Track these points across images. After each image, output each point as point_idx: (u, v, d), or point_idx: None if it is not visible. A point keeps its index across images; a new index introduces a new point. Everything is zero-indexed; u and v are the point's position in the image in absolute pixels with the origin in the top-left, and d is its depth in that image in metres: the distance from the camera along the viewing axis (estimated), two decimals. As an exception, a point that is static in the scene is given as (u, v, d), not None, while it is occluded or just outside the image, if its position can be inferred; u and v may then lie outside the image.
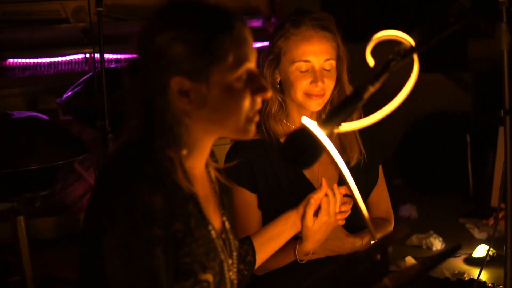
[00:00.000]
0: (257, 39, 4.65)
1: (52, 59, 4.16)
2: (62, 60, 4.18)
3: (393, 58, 1.50)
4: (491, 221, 3.99)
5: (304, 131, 1.39)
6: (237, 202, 2.25)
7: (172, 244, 1.42)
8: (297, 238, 2.05)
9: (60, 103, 3.47)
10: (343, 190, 1.94)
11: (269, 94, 1.51)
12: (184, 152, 1.49)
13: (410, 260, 3.33)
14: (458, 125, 4.85)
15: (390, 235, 1.46)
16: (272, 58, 2.29)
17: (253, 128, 1.52)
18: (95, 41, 3.09)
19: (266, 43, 4.63)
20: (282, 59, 2.26)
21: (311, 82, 2.21)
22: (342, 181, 2.24)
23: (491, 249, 3.43)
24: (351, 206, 1.93)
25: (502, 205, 3.88)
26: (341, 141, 2.34)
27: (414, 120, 5.19)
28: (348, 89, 2.35)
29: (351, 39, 5.23)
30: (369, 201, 2.45)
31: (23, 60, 4.09)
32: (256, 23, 4.80)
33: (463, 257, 3.58)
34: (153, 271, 1.37)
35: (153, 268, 1.37)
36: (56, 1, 4.15)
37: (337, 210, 1.94)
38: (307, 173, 2.28)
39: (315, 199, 1.96)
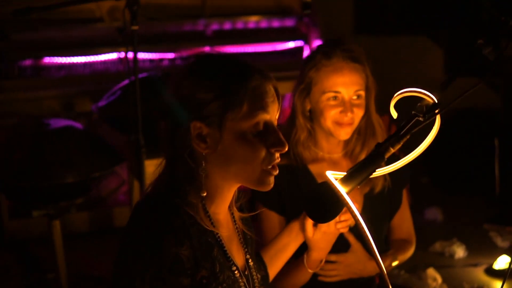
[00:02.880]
0: (290, 39, 4.72)
1: (87, 59, 4.22)
2: (97, 60, 4.24)
3: (415, 114, 1.56)
4: (515, 228, 4.04)
5: (327, 187, 1.45)
6: (266, 225, 2.34)
7: (198, 289, 1.54)
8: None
9: (96, 111, 3.52)
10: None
11: (286, 148, 1.58)
12: (204, 194, 1.58)
13: (431, 272, 3.39)
14: (487, 126, 4.84)
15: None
16: (304, 87, 2.36)
17: (271, 180, 1.60)
18: (130, 41, 3.06)
19: (299, 42, 4.71)
20: (313, 89, 2.34)
21: (340, 112, 2.29)
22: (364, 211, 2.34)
23: (512, 261, 3.49)
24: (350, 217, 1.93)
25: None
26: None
27: (443, 117, 5.18)
28: (375, 118, 2.42)
29: (384, 32, 5.26)
30: (392, 223, 2.53)
31: (59, 60, 4.16)
32: (289, 22, 4.82)
33: (484, 267, 3.63)
34: None
35: None
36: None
37: (336, 219, 1.92)
38: None
39: None
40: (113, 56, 4.30)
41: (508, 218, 4.22)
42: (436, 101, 1.53)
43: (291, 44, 4.80)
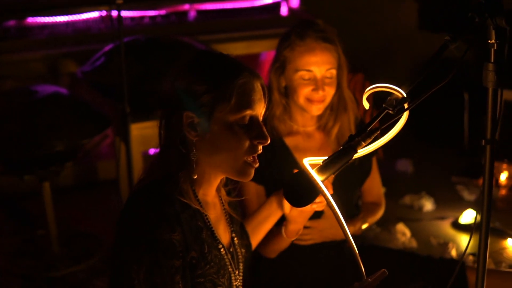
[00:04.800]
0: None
1: (69, 18, 4.29)
2: (79, 19, 4.31)
3: (385, 108, 1.71)
4: (481, 181, 4.21)
5: (304, 176, 1.60)
6: (247, 195, 2.50)
7: (188, 269, 1.74)
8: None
9: (81, 76, 3.59)
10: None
11: (268, 142, 1.76)
12: (194, 176, 1.76)
13: (400, 227, 3.58)
14: (457, 79, 4.92)
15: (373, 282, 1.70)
16: (279, 65, 2.51)
17: (251, 172, 1.79)
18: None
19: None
20: (287, 67, 2.49)
21: (312, 90, 2.45)
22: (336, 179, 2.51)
23: (478, 216, 3.68)
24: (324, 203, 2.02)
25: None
26: (339, 142, 2.60)
27: (415, 69, 5.30)
28: (347, 93, 2.58)
29: (427, 28, 5.14)
30: (363, 188, 2.73)
31: (42, 20, 4.22)
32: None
33: (450, 220, 3.82)
34: None
35: None
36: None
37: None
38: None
39: None
40: (95, 14, 4.36)
41: (476, 171, 4.39)
42: (405, 95, 1.66)
43: (268, 0, 4.89)
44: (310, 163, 1.65)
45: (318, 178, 1.61)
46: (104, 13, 4.33)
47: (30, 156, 3.00)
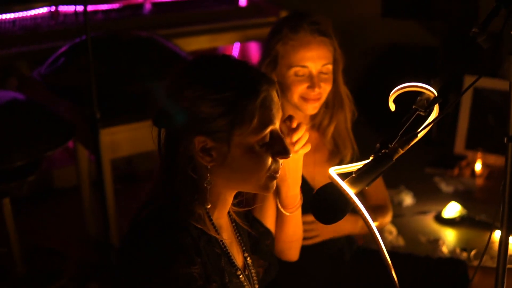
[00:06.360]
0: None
1: (15, 15, 3.95)
2: (26, 16, 3.98)
3: (416, 109, 1.56)
4: (456, 171, 4.14)
5: (334, 188, 1.42)
6: None
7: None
8: None
9: (39, 79, 3.27)
10: (288, 123, 1.76)
11: (289, 156, 1.55)
12: (208, 206, 1.55)
13: (388, 226, 3.44)
14: (425, 65, 4.84)
15: None
16: (270, 60, 2.30)
17: (274, 184, 1.57)
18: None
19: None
20: (280, 62, 2.27)
21: (308, 87, 2.25)
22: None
23: (461, 209, 3.60)
24: (303, 132, 1.76)
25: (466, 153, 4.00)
26: (335, 141, 2.42)
27: (378, 53, 5.21)
28: (343, 89, 2.40)
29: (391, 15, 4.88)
30: (366, 191, 2.56)
31: (-15, 18, 3.89)
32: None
33: (433, 214, 3.71)
34: None
35: None
36: None
37: (292, 141, 1.74)
38: (304, 171, 2.33)
39: None
40: (43, 10, 4.04)
41: (447, 161, 4.32)
42: (437, 95, 1.51)
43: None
44: (337, 171, 1.46)
45: (350, 191, 1.42)
46: (53, 8, 4.01)
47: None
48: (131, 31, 3.76)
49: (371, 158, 1.53)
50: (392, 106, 1.63)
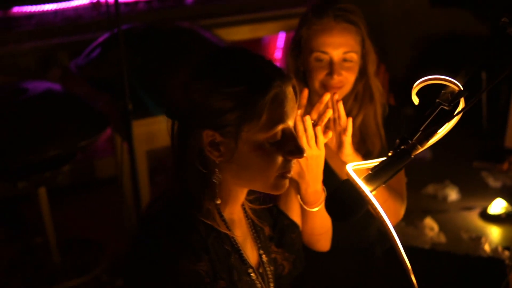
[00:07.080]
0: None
1: (57, 6, 3.98)
2: (68, 7, 4.00)
3: (440, 103, 1.49)
4: (506, 166, 3.99)
5: (349, 185, 1.35)
6: None
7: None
8: None
9: (75, 70, 3.27)
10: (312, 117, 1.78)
11: (303, 156, 1.48)
12: (218, 201, 1.51)
13: (429, 222, 3.34)
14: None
15: None
16: (294, 46, 2.24)
17: (285, 183, 1.51)
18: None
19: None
20: (303, 47, 2.21)
21: (327, 74, 2.17)
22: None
23: (507, 206, 3.46)
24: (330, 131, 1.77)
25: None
26: (361, 134, 2.33)
27: (429, 46, 5.08)
28: (374, 82, 2.30)
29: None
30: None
31: (28, 8, 3.91)
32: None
33: (478, 210, 3.58)
34: None
35: None
36: None
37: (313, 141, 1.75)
38: (331, 162, 2.25)
39: None
40: (85, 1, 4.05)
41: (498, 155, 4.17)
42: (462, 88, 1.45)
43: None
44: (354, 168, 1.39)
45: (366, 189, 1.34)
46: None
47: (22, 162, 2.69)
48: (172, 21, 3.74)
49: (389, 154, 1.44)
50: (415, 100, 1.54)
